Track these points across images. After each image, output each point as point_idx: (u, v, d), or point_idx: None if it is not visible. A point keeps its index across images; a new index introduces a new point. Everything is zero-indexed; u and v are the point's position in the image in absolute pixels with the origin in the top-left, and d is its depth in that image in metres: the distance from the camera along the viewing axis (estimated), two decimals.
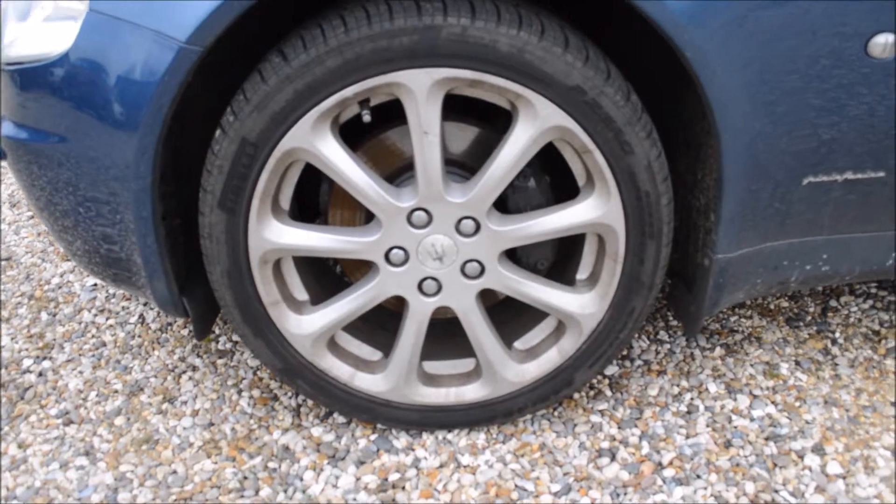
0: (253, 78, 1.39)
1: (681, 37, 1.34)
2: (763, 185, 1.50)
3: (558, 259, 1.77)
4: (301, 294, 1.64)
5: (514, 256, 1.71)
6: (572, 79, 1.38)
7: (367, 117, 1.46)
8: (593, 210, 1.51)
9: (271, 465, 1.70)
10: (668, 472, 1.64)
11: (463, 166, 1.64)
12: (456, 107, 1.58)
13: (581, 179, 1.55)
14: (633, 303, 1.60)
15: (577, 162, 1.53)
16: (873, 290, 2.18)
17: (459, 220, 1.51)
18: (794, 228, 1.59)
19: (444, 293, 1.59)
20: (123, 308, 2.24)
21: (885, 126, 1.47)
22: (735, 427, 1.75)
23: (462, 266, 1.56)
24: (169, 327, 2.14)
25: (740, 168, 1.47)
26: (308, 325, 1.60)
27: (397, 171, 1.64)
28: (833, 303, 2.14)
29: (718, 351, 1.98)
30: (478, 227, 1.52)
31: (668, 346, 2.01)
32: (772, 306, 2.13)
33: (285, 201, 1.53)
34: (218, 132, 1.43)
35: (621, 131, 1.43)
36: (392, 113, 1.53)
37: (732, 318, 2.10)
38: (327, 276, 1.89)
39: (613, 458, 1.69)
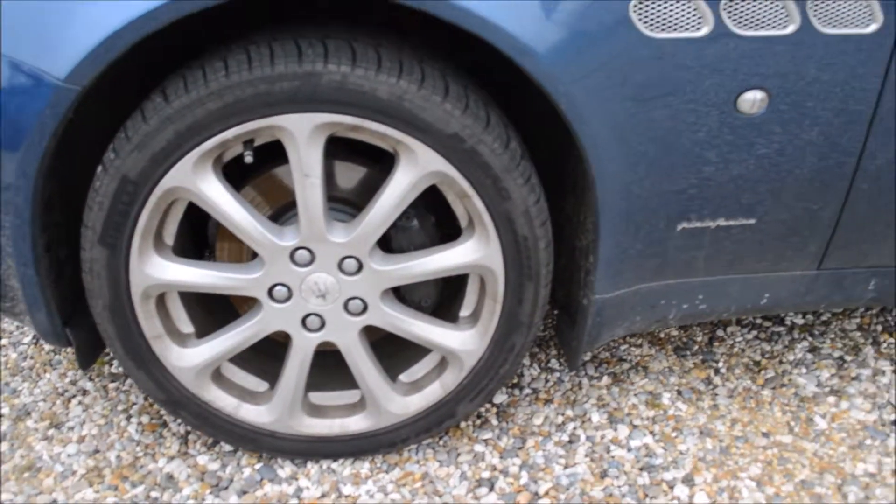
0: (135, 117, 1.40)
1: (553, 86, 1.37)
2: (638, 230, 1.56)
3: (443, 296, 1.81)
4: (186, 327, 1.65)
5: (399, 294, 1.75)
6: (451, 127, 1.42)
7: (248, 158, 1.47)
8: (473, 252, 1.56)
9: (153, 494, 1.70)
10: (544, 502, 1.70)
11: (353, 204, 1.66)
12: (347, 146, 1.61)
13: (464, 221, 1.59)
14: (513, 340, 1.65)
15: (459, 205, 1.57)
16: (758, 321, 2.27)
17: (342, 259, 1.54)
18: (670, 271, 1.65)
19: (327, 329, 1.61)
20: (17, 327, 2.21)
21: (755, 177, 1.54)
22: (612, 457, 1.81)
23: (345, 303, 1.59)
24: (63, 349, 2.12)
25: (616, 213, 1.52)
26: (191, 358, 1.61)
27: (286, 207, 1.66)
28: (720, 332, 2.22)
29: (605, 380, 2.04)
30: (360, 267, 1.55)
31: (557, 374, 2.06)
32: (662, 335, 2.21)
33: (169, 237, 1.54)
34: (99, 169, 1.44)
35: (499, 178, 1.47)
36: (280, 150, 1.55)
37: (623, 347, 2.16)
38: (219, 306, 1.90)
39: (492, 487, 1.74)
